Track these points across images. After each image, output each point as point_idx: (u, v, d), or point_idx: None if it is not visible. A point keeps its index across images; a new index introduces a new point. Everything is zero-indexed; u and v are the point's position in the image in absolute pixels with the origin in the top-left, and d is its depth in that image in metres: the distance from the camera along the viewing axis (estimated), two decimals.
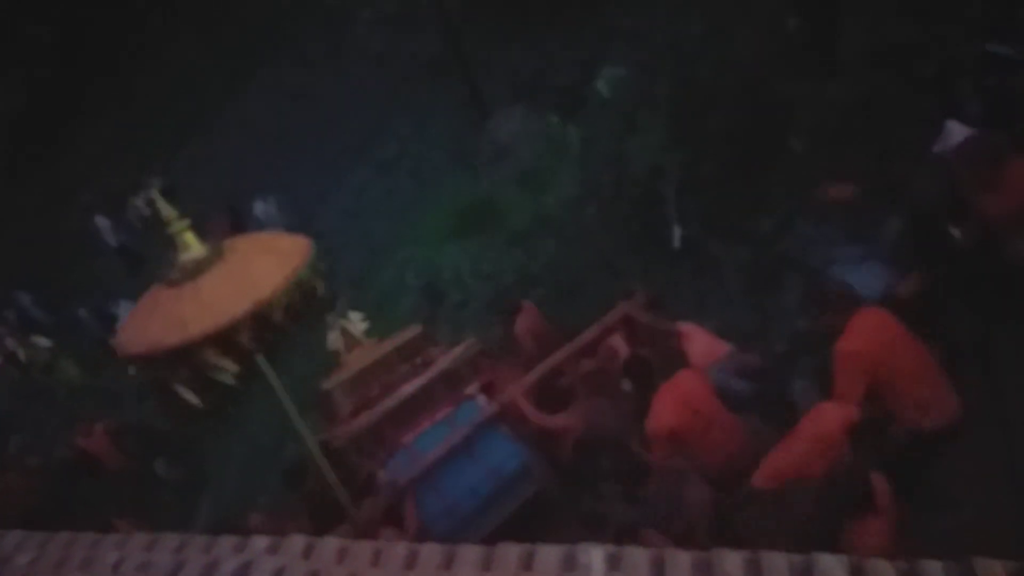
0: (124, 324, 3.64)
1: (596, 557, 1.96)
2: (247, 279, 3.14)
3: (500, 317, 6.00)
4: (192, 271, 3.24)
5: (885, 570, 1.73)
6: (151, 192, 3.63)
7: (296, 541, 2.43)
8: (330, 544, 2.38)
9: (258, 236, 5.16)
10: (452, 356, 5.03)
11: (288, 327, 3.21)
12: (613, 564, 1.95)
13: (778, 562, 1.82)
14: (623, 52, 9.39)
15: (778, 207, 6.37)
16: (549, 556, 2.01)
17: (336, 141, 13.26)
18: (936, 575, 1.69)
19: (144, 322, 3.28)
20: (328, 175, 12.71)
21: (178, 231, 3.35)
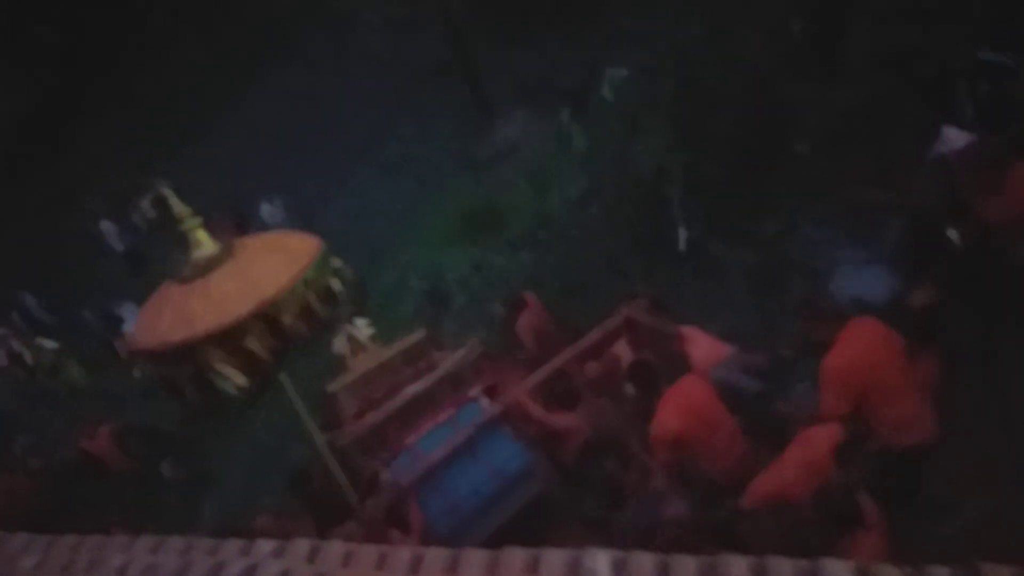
0: (137, 319, 3.65)
1: (602, 562, 1.95)
2: (254, 278, 3.13)
3: (503, 310, 6.01)
4: (203, 268, 3.25)
5: (891, 575, 1.73)
6: (157, 193, 3.64)
7: (301, 544, 2.43)
8: (335, 547, 2.38)
9: (270, 235, 5.14)
10: (455, 359, 5.04)
11: (302, 332, 3.19)
12: (619, 569, 1.94)
13: (784, 567, 1.82)
14: (627, 54, 9.39)
15: (782, 210, 6.37)
16: (554, 560, 2.01)
17: (339, 143, 13.27)
18: None
19: (154, 318, 3.28)
20: (331, 177, 12.72)
21: (190, 228, 3.36)
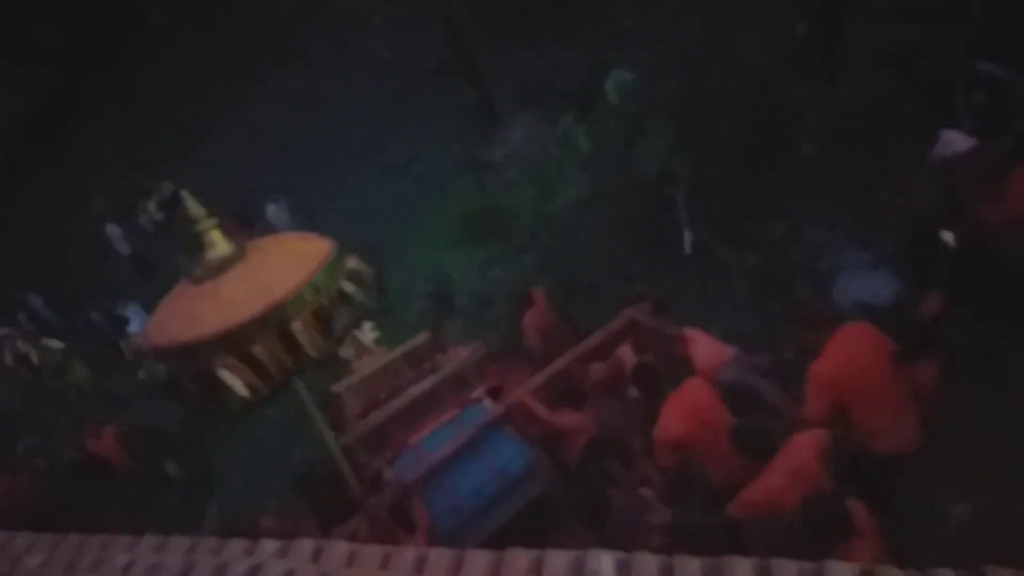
0: (151, 317, 3.66)
1: (606, 563, 1.96)
2: (264, 281, 3.13)
3: (511, 306, 6.03)
4: (216, 269, 3.26)
5: None
6: (163, 196, 3.67)
7: (305, 544, 2.44)
8: (339, 547, 2.38)
9: (284, 236, 5.12)
10: (458, 360, 5.05)
11: (314, 343, 3.17)
12: (622, 570, 1.94)
13: (788, 569, 1.82)
14: (630, 56, 9.39)
15: (786, 212, 6.35)
16: (558, 561, 2.01)
17: (340, 143, 13.29)
18: None
19: (165, 317, 3.30)
20: (335, 179, 12.74)
21: (205, 229, 3.37)
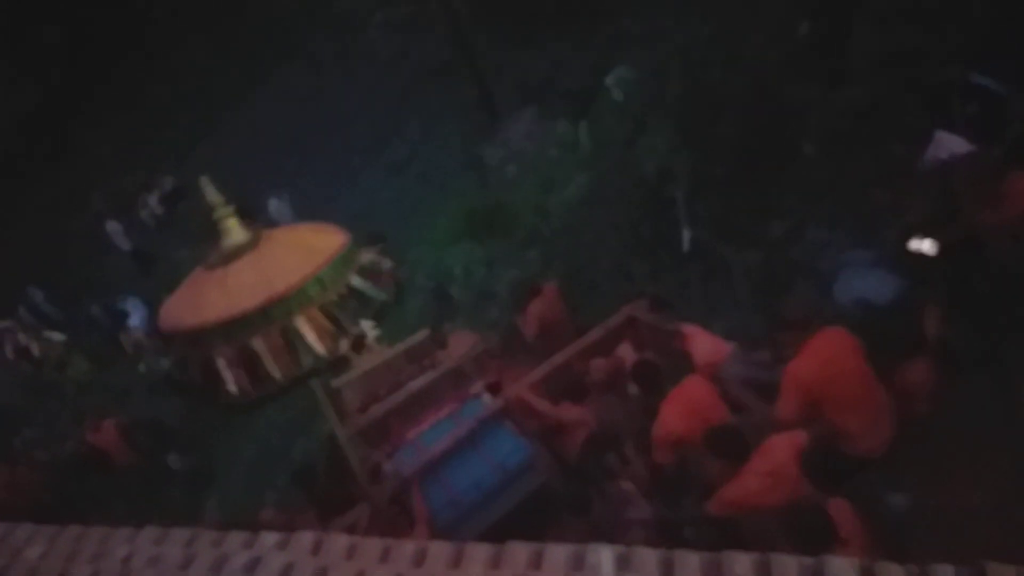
0: (166, 301, 3.69)
1: (605, 557, 1.96)
2: (270, 273, 3.14)
3: (519, 296, 6.03)
4: (228, 257, 3.27)
5: (896, 573, 1.72)
6: (165, 190, 3.69)
7: (305, 537, 2.44)
8: (339, 540, 2.38)
9: (300, 228, 5.11)
10: (458, 356, 5.06)
11: (320, 339, 3.17)
12: (622, 564, 1.94)
13: (788, 564, 1.82)
14: (633, 55, 9.39)
15: (787, 211, 6.35)
16: (558, 555, 2.01)
17: (346, 143, 13.31)
18: None
19: (176, 301, 3.32)
20: (338, 177, 12.75)
21: (222, 217, 3.39)
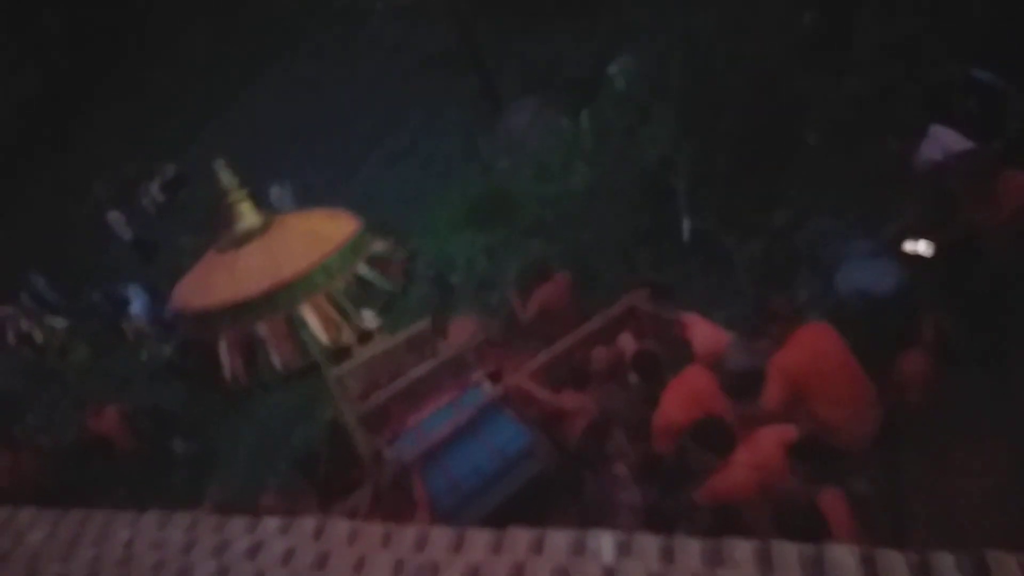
0: (180, 282, 3.71)
1: (606, 543, 1.96)
2: (277, 259, 3.14)
3: (528, 276, 6.02)
4: (239, 241, 3.28)
5: (896, 561, 1.72)
6: (166, 177, 3.70)
7: (307, 522, 2.45)
8: (340, 525, 2.39)
9: (312, 213, 5.10)
10: (459, 344, 5.06)
11: (325, 327, 3.17)
12: (623, 550, 1.95)
13: (789, 551, 1.82)
14: (636, 44, 9.34)
15: (790, 201, 6.33)
16: (559, 541, 2.02)
17: (348, 132, 13.28)
18: (948, 567, 1.68)
19: (188, 282, 3.33)
20: (340, 166, 12.73)
21: (236, 201, 3.39)
